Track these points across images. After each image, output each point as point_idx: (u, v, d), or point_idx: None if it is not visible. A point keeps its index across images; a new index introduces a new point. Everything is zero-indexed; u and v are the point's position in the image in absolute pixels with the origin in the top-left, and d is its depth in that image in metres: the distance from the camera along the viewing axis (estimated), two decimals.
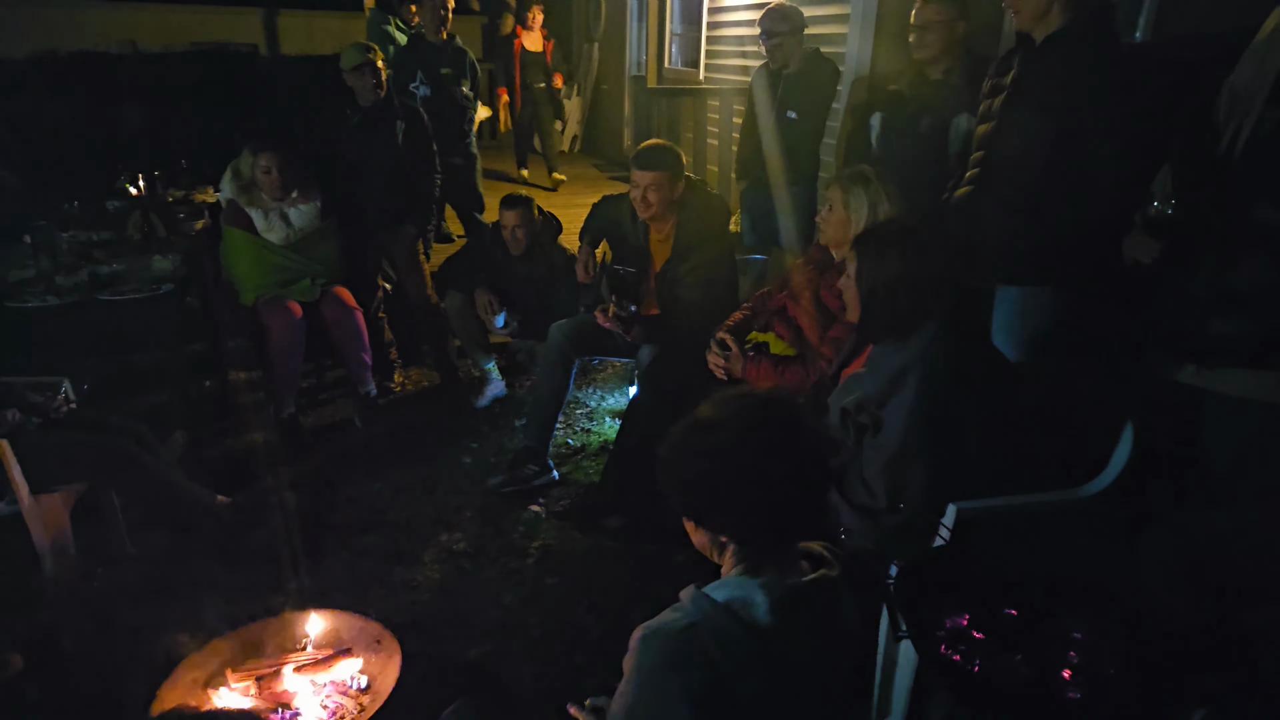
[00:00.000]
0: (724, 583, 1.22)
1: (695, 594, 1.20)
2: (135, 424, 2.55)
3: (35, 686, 2.15)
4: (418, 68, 4.59)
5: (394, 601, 2.55)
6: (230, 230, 3.47)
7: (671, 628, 1.15)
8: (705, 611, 1.16)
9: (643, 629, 1.18)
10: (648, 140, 2.94)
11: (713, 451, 1.20)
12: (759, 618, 1.14)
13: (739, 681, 1.12)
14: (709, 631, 1.13)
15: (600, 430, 3.67)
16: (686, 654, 1.13)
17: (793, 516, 1.24)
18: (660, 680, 1.13)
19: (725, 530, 1.24)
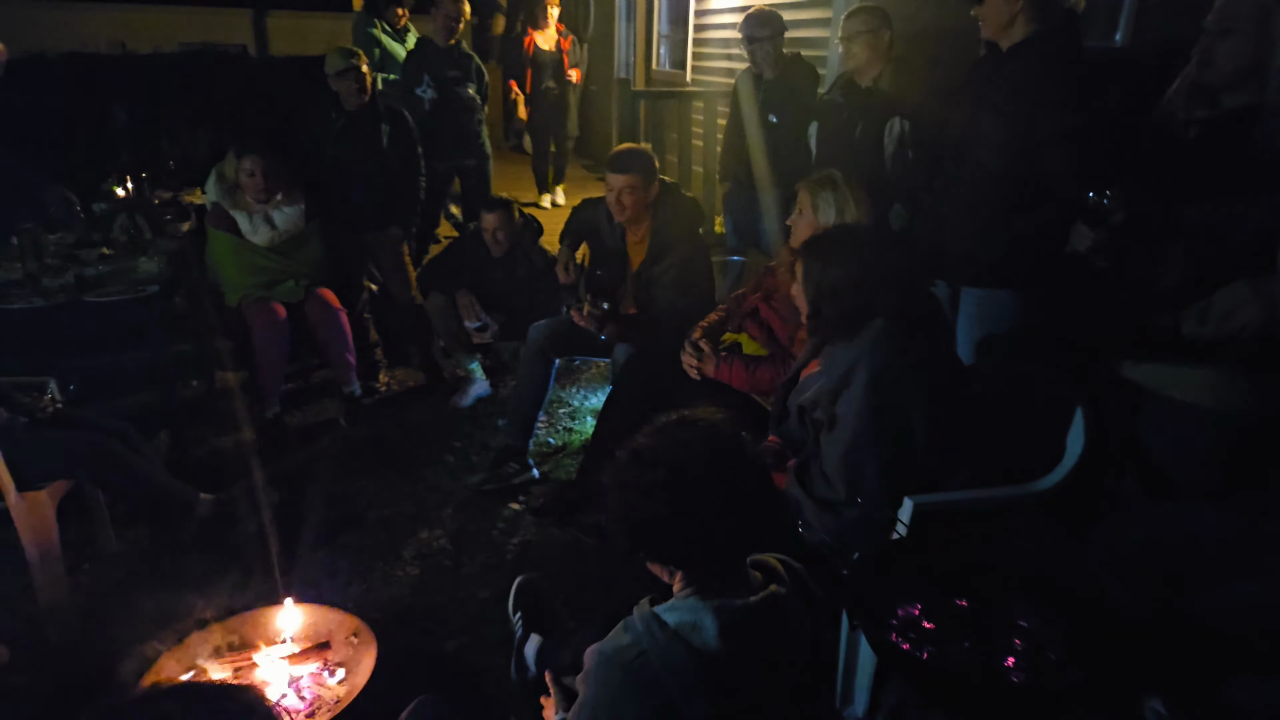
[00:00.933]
0: (674, 605, 1.25)
1: (647, 615, 1.23)
2: (120, 423, 2.60)
3: (22, 677, 2.20)
4: (424, 72, 4.64)
5: (373, 597, 2.60)
6: (214, 232, 3.52)
7: (624, 656, 1.19)
8: (655, 637, 1.19)
9: (597, 653, 1.22)
10: (624, 143, 3.00)
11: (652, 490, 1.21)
12: (708, 642, 1.18)
13: (687, 706, 1.15)
14: (659, 658, 1.17)
15: (582, 429, 3.72)
16: (638, 683, 1.17)
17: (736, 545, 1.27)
18: (614, 708, 1.18)
19: (671, 562, 1.27)
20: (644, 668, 1.17)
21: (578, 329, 3.14)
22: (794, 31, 3.88)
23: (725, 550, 1.26)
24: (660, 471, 1.21)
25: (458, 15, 4.63)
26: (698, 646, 1.18)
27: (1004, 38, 2.22)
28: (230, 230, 3.50)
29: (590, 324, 2.89)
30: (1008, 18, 2.18)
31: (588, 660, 1.24)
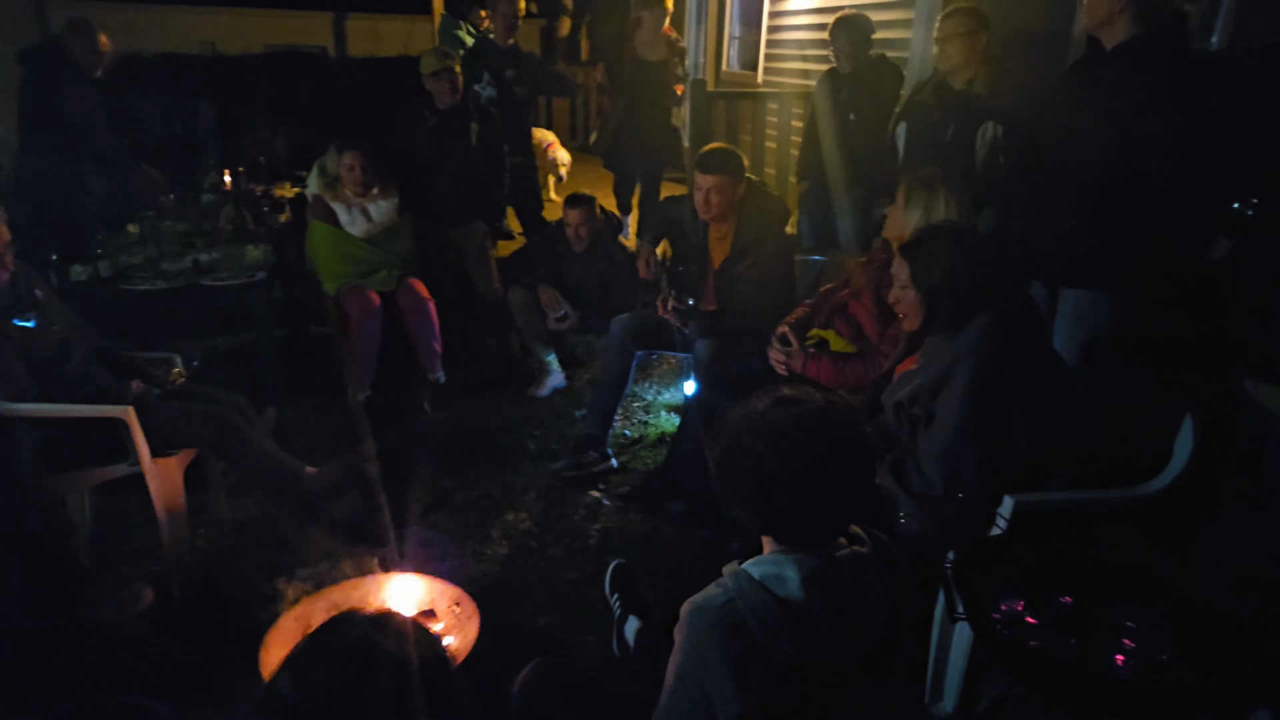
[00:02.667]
0: (761, 560, 1.34)
1: (736, 570, 1.33)
2: (237, 398, 2.78)
3: (150, 626, 2.38)
4: (483, 69, 4.79)
5: (466, 572, 2.72)
6: (316, 223, 3.70)
7: (713, 603, 1.28)
8: (742, 587, 1.28)
9: (690, 603, 1.31)
10: (710, 144, 3.08)
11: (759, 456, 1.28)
12: (791, 592, 1.26)
13: (772, 650, 1.23)
14: (745, 605, 1.25)
15: (656, 423, 3.82)
16: (726, 626, 1.25)
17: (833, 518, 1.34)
18: (704, 649, 1.26)
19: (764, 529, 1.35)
20: (731, 612, 1.25)
21: (658, 323, 3.23)
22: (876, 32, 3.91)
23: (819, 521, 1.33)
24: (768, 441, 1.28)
25: (514, 14, 4.78)
26: (781, 595, 1.26)
27: (1106, 35, 2.23)
28: (330, 221, 3.68)
29: (675, 319, 2.97)
30: (1107, 12, 2.20)
31: (682, 611, 1.32)
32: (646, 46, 4.93)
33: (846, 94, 3.82)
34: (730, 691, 1.24)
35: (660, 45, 4.93)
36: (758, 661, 1.23)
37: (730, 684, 1.22)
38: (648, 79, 4.91)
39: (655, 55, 4.93)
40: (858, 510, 1.40)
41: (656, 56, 4.93)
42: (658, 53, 4.93)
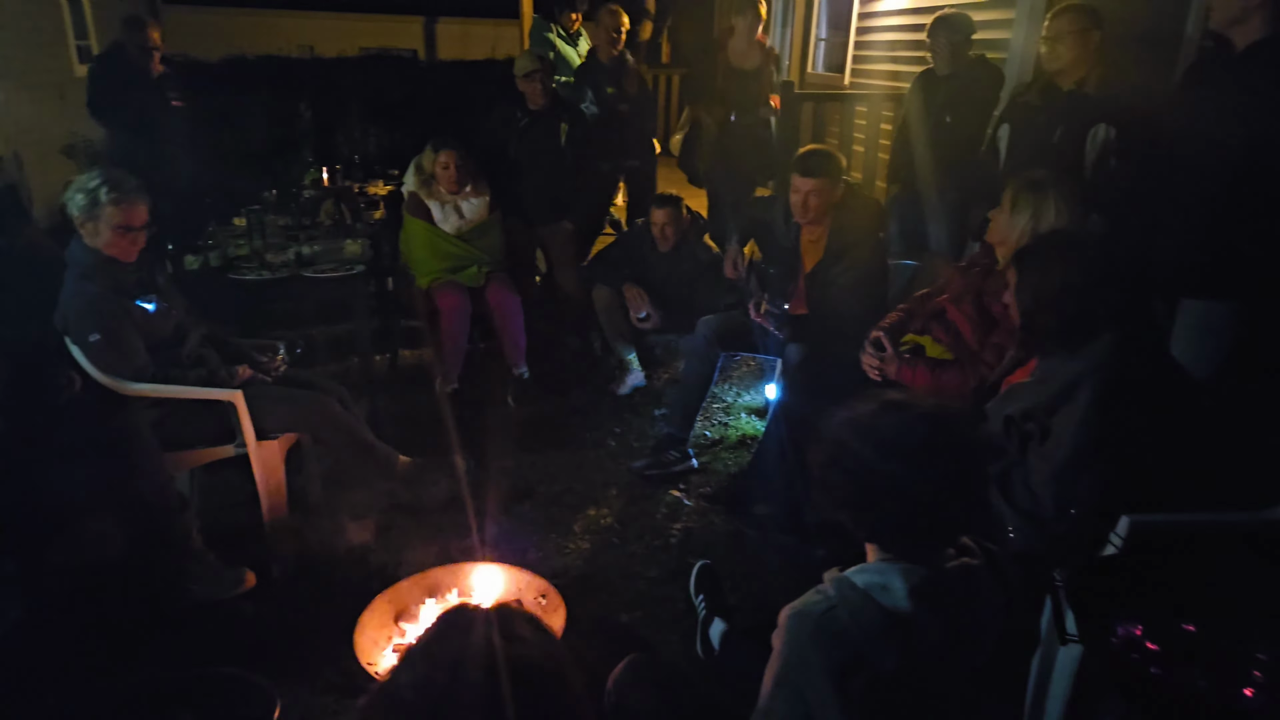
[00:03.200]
0: (865, 568, 1.30)
1: (838, 578, 1.28)
2: (337, 386, 2.87)
3: (252, 605, 2.48)
4: (589, 88, 4.82)
5: (549, 564, 2.75)
6: (411, 219, 3.81)
7: (814, 609, 1.24)
8: (845, 595, 1.24)
9: (790, 609, 1.28)
10: (807, 146, 3.04)
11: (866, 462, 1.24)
12: (897, 602, 1.22)
13: (876, 661, 1.19)
14: (848, 614, 1.22)
15: (737, 425, 3.79)
16: (828, 634, 1.22)
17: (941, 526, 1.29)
18: (805, 657, 1.23)
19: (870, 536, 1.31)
20: (833, 620, 1.22)
21: (745, 325, 3.20)
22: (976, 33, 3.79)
23: (929, 529, 1.28)
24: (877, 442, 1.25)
25: (616, 27, 4.75)
26: (887, 606, 1.22)
27: (1238, 35, 2.12)
28: (424, 218, 3.78)
29: (767, 321, 2.94)
30: (1240, 10, 2.08)
31: (781, 617, 1.29)
32: (740, 55, 4.64)
33: (944, 95, 3.71)
34: (831, 701, 1.21)
35: (754, 53, 4.65)
36: (861, 672, 1.20)
37: (832, 694, 1.19)
38: (744, 89, 4.62)
39: (749, 64, 4.64)
40: (969, 520, 1.35)
41: (750, 65, 4.63)
42: (751, 60, 4.64)
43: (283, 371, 2.77)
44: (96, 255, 2.45)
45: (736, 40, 4.59)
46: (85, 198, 2.39)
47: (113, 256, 2.46)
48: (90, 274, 2.45)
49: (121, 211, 2.41)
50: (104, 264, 2.46)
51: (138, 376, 2.46)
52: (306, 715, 2.10)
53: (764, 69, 4.63)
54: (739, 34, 4.58)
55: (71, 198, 2.42)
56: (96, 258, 2.45)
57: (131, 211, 2.43)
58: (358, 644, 2.13)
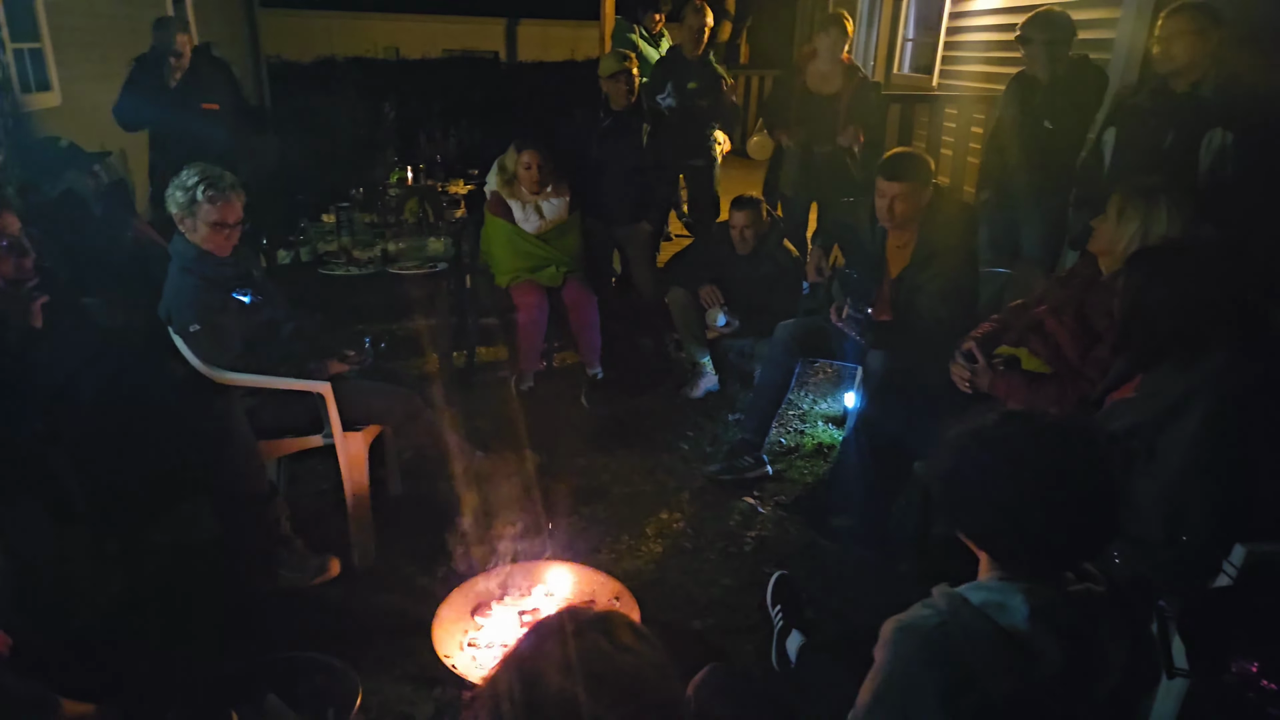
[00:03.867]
0: (980, 585, 1.24)
1: (949, 593, 1.23)
2: (416, 382, 2.93)
3: (333, 592, 2.55)
4: (669, 79, 4.83)
5: (621, 566, 2.74)
6: (493, 218, 3.86)
7: (923, 624, 1.19)
8: (958, 611, 1.18)
9: (896, 621, 1.23)
10: (895, 149, 2.95)
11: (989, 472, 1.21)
12: (1015, 623, 1.16)
13: (990, 682, 1.14)
14: (962, 632, 1.16)
15: (813, 432, 3.72)
16: (938, 652, 1.16)
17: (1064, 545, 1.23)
18: (911, 674, 1.18)
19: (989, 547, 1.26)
20: (944, 637, 1.17)
21: (825, 331, 3.14)
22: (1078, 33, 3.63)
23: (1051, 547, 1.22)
24: (1003, 455, 1.21)
25: (702, 26, 4.77)
26: (1004, 625, 1.16)
27: None
28: (505, 217, 3.82)
29: (850, 328, 2.87)
30: None
31: (885, 630, 1.24)
32: (821, 78, 4.25)
33: (1041, 98, 3.56)
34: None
35: (837, 76, 4.25)
36: (972, 694, 1.14)
37: (939, 713, 1.14)
38: (821, 116, 4.23)
39: (829, 88, 4.24)
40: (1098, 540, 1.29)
41: (830, 89, 4.24)
42: (832, 84, 4.25)
43: (367, 365, 2.83)
44: (195, 250, 2.55)
45: (818, 61, 4.26)
46: (184, 195, 2.50)
47: (209, 251, 2.56)
48: (190, 267, 2.55)
49: (217, 209, 2.50)
50: (202, 258, 2.56)
51: (234, 366, 2.55)
52: (385, 704, 2.14)
53: (846, 93, 4.23)
54: (821, 54, 4.24)
55: (171, 195, 2.53)
56: (196, 252, 2.55)
57: (227, 208, 2.52)
58: (435, 636, 2.16)
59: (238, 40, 9.06)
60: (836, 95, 4.24)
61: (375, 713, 2.12)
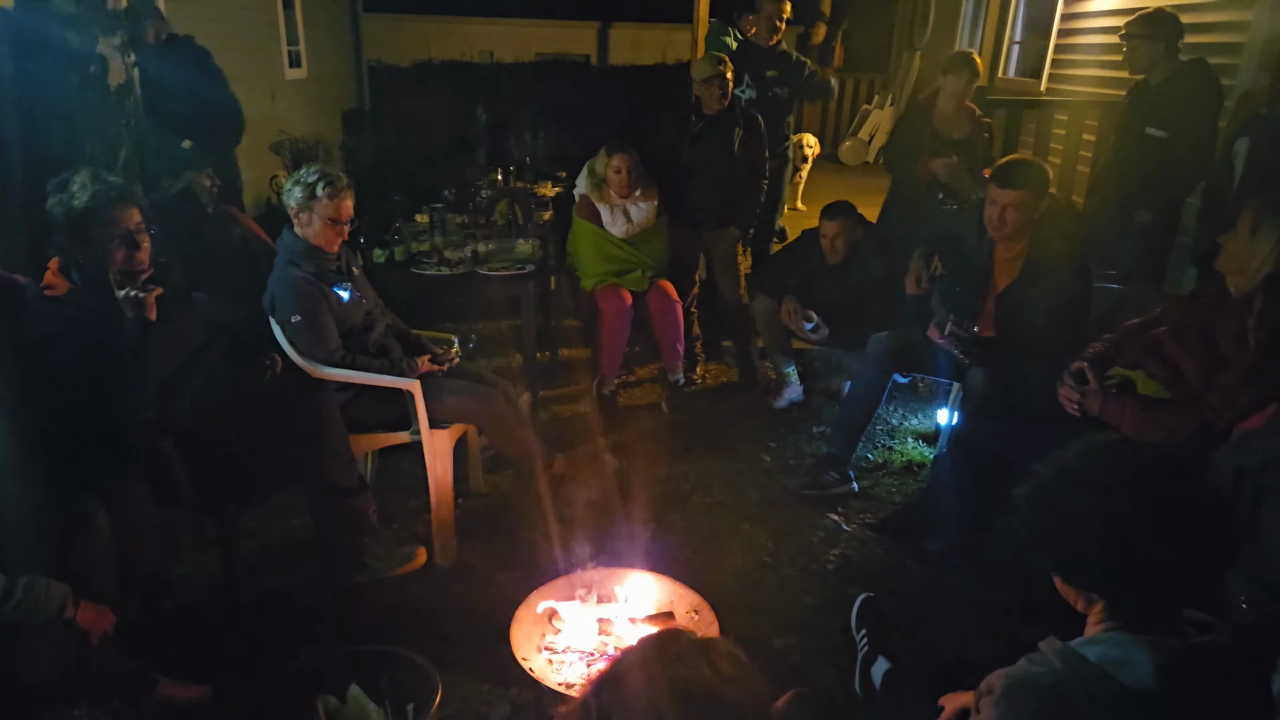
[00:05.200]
0: (1095, 639, 1.15)
1: (1061, 649, 1.14)
2: (504, 381, 2.95)
3: (414, 586, 2.59)
4: (744, 71, 4.75)
5: (699, 577, 2.67)
6: (580, 221, 3.87)
7: (1038, 682, 1.11)
8: (1076, 669, 1.10)
9: (1007, 677, 1.15)
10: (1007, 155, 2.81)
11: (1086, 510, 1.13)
12: (1142, 681, 1.07)
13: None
14: (1082, 691, 1.08)
15: (902, 449, 3.58)
16: (1058, 713, 1.09)
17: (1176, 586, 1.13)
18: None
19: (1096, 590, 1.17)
20: (1063, 698, 1.08)
21: (922, 345, 3.01)
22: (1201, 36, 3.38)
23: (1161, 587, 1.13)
24: (1100, 492, 1.13)
25: (779, 14, 4.67)
26: (1129, 684, 1.07)
27: None
28: (593, 221, 3.83)
29: (952, 344, 2.75)
30: None
31: (993, 683, 1.17)
32: (946, 121, 3.84)
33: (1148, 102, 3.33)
34: None
35: (964, 120, 3.84)
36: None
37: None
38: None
39: (958, 133, 3.82)
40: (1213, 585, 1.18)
41: (960, 134, 3.82)
42: (960, 129, 3.83)
43: (456, 364, 2.87)
44: (305, 244, 2.64)
45: (944, 103, 3.86)
46: (303, 191, 2.59)
47: (319, 246, 2.64)
48: (297, 260, 2.64)
49: (333, 205, 2.59)
50: (310, 252, 2.65)
51: (330, 360, 2.62)
52: (463, 701, 2.16)
53: (975, 139, 3.81)
54: (946, 96, 3.84)
55: (290, 190, 2.62)
56: (305, 246, 2.64)
57: (341, 206, 2.61)
58: (512, 638, 2.16)
59: (342, 44, 9.41)
60: (966, 142, 3.80)
61: (452, 710, 2.13)
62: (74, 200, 2.08)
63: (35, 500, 1.78)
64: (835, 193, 6.80)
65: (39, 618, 1.59)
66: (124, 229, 2.12)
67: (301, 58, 8.10)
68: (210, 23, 6.23)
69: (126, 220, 2.13)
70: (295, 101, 7.70)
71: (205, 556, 2.62)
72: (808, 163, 6.46)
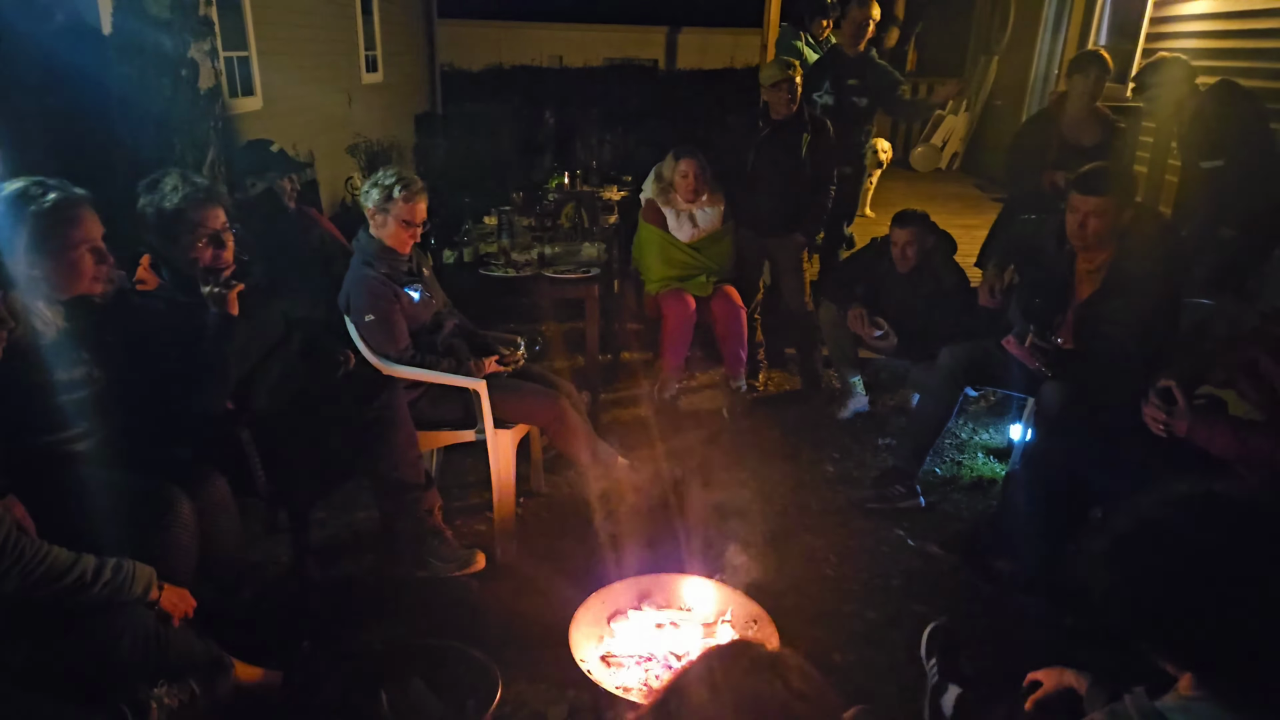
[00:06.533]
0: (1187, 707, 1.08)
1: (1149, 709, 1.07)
2: (568, 383, 2.97)
3: (477, 584, 2.62)
4: (826, 77, 4.68)
5: (758, 587, 2.64)
6: (646, 225, 3.87)
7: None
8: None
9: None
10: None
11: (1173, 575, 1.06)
12: None
13: None
14: None
15: (972, 464, 3.48)
16: None
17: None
18: None
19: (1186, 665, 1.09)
20: None
21: (996, 357, 2.92)
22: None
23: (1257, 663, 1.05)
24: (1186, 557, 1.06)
25: (865, 21, 4.55)
26: None
27: None
28: (659, 225, 3.82)
29: (1032, 357, 2.66)
30: None
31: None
32: (1076, 126, 3.63)
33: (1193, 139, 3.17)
34: None
35: (1093, 125, 3.62)
36: None
37: None
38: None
39: (1088, 139, 3.60)
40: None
41: (1090, 140, 3.60)
42: (1091, 135, 3.61)
43: (521, 365, 2.90)
44: (379, 244, 2.71)
45: (1072, 106, 3.66)
46: (380, 193, 2.66)
47: (392, 247, 2.71)
48: (371, 261, 2.71)
49: (409, 208, 2.66)
50: (384, 253, 2.71)
51: (400, 358, 2.68)
52: (521, 700, 2.17)
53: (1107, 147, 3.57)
54: (1074, 98, 3.65)
55: (367, 193, 2.69)
56: (379, 246, 2.71)
57: (416, 208, 2.68)
58: (571, 639, 2.16)
59: (416, 49, 9.64)
60: (1096, 149, 3.56)
61: (509, 708, 2.15)
62: (165, 202, 2.17)
63: (125, 486, 1.86)
64: (905, 200, 6.67)
65: (126, 597, 1.66)
66: (211, 229, 2.20)
67: (378, 63, 8.33)
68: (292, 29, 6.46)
69: (213, 220, 2.21)
70: (371, 105, 7.92)
71: (276, 546, 2.71)
72: (881, 168, 6.33)
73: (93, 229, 1.89)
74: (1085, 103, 3.64)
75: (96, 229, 1.90)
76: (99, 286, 1.92)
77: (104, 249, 1.91)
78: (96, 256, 1.89)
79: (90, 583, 1.60)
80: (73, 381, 1.87)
